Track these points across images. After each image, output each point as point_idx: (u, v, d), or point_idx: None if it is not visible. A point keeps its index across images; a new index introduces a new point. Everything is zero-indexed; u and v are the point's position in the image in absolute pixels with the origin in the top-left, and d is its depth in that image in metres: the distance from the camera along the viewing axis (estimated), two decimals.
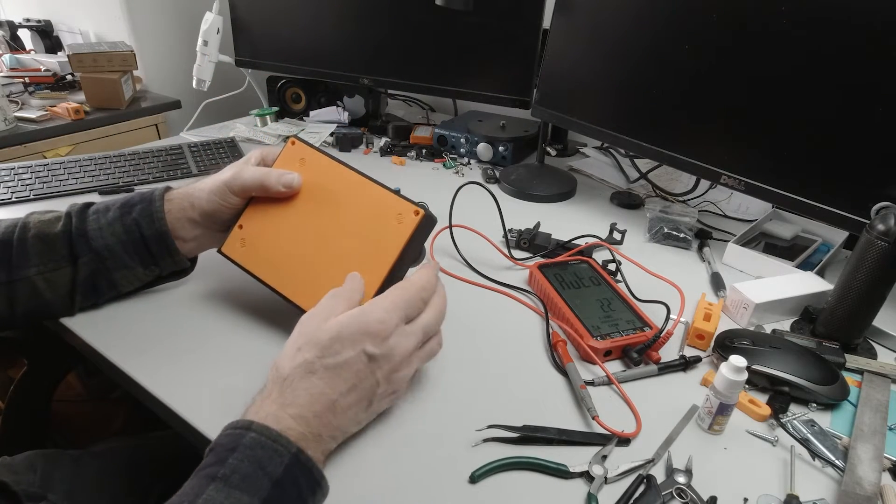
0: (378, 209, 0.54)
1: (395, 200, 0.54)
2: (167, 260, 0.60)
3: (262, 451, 0.39)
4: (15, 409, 0.88)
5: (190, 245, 0.60)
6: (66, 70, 1.58)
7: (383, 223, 0.53)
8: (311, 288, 0.54)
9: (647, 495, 0.45)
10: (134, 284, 0.61)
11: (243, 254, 0.59)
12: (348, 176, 0.57)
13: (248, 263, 0.59)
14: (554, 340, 0.61)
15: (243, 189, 0.58)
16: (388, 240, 0.52)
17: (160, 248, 0.59)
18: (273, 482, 0.38)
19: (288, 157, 0.60)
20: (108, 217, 0.58)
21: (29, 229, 0.56)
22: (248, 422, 0.40)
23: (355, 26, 1.15)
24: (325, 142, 1.18)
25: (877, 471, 0.47)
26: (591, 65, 0.90)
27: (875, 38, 0.61)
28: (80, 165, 0.95)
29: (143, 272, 0.60)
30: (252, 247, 0.58)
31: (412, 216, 0.52)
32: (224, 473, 0.37)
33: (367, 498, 0.44)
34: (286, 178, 0.57)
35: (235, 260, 0.59)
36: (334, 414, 0.43)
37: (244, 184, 0.57)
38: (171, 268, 0.61)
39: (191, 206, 0.59)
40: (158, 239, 0.58)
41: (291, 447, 0.40)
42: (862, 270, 0.59)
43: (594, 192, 1.03)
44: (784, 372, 0.55)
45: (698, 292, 0.71)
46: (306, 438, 0.41)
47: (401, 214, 0.53)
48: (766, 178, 0.73)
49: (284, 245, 0.57)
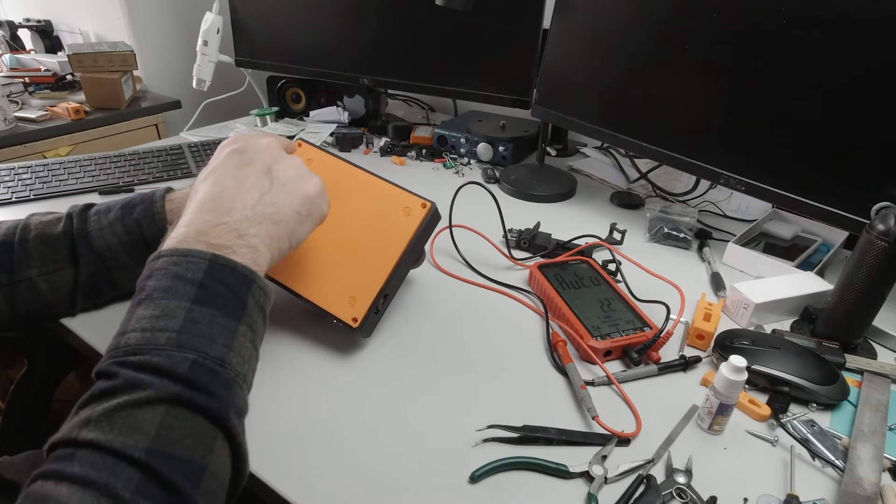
0: (386, 203, 0.55)
1: (403, 195, 0.55)
2: None
3: (175, 267, 0.39)
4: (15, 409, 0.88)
5: None
6: (66, 70, 1.58)
7: (391, 216, 0.54)
8: (319, 281, 0.55)
9: (647, 495, 0.45)
10: (134, 284, 0.61)
11: None
12: (355, 173, 0.58)
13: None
14: (554, 340, 0.61)
15: None
16: (396, 232, 0.53)
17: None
18: (196, 285, 0.38)
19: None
20: (109, 218, 0.58)
21: (30, 231, 0.56)
22: (156, 252, 0.41)
23: (355, 26, 1.15)
24: (325, 142, 1.18)
25: (877, 471, 0.47)
26: (591, 65, 0.90)
27: (875, 38, 0.61)
28: (80, 165, 0.95)
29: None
30: None
31: (420, 209, 0.53)
32: (146, 295, 0.38)
33: (368, 498, 0.44)
34: None
35: None
36: (230, 199, 0.43)
37: None
38: None
39: None
40: (159, 239, 0.58)
41: (205, 255, 0.40)
42: (862, 270, 0.59)
43: (594, 192, 1.03)
44: (784, 372, 0.55)
45: (698, 292, 0.71)
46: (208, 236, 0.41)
47: (408, 208, 0.54)
48: (766, 178, 0.73)
49: None
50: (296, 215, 0.47)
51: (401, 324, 0.63)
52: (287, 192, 0.46)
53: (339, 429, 0.50)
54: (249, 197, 0.44)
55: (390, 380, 0.55)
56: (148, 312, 0.37)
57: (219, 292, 0.39)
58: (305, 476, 0.45)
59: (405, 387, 0.55)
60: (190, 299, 0.37)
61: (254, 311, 0.41)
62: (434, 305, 0.67)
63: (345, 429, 0.50)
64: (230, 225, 0.42)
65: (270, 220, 0.45)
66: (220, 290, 0.39)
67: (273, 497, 0.44)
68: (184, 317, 0.37)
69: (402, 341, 0.61)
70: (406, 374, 0.56)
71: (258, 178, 0.46)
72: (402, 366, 0.57)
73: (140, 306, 0.38)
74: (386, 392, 0.54)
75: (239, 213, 0.43)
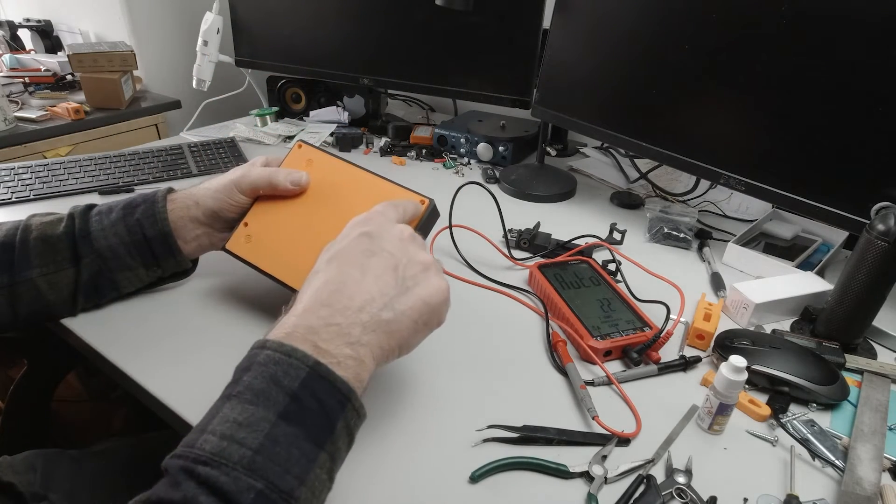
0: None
1: (403, 192, 0.55)
2: (169, 260, 0.60)
3: (275, 367, 0.37)
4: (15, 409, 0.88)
5: (191, 246, 0.60)
6: (66, 70, 1.58)
7: None
8: None
9: (647, 495, 0.45)
10: (135, 285, 0.61)
11: (249, 249, 0.59)
12: (355, 172, 0.58)
13: (253, 258, 0.59)
14: (554, 340, 0.61)
15: (252, 186, 0.58)
16: None
17: (163, 249, 0.59)
18: (289, 396, 0.36)
19: (295, 159, 0.61)
20: (110, 218, 0.58)
21: (31, 231, 0.56)
22: (263, 340, 0.39)
23: (355, 26, 1.15)
24: (325, 142, 1.18)
25: (877, 471, 0.47)
26: (591, 65, 0.90)
27: (875, 38, 0.61)
28: (80, 165, 0.95)
29: (144, 273, 0.60)
30: (258, 242, 0.59)
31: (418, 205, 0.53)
32: (238, 391, 0.36)
33: (368, 498, 0.44)
34: (294, 176, 0.58)
35: (241, 255, 0.59)
36: (349, 296, 0.40)
37: (253, 181, 0.58)
38: (173, 268, 0.61)
39: (195, 205, 0.59)
40: (161, 239, 0.58)
41: (308, 360, 0.37)
42: (862, 270, 0.59)
43: (594, 192, 1.03)
44: (784, 372, 0.55)
45: (698, 292, 0.71)
46: (317, 336, 0.38)
47: None
48: (766, 178, 0.73)
49: (292, 239, 0.58)
50: (412, 325, 0.43)
51: None
52: (410, 298, 0.43)
53: None
54: (370, 296, 0.41)
55: (390, 380, 0.55)
56: (234, 415, 0.35)
57: (310, 409, 0.37)
58: None
59: (405, 386, 0.55)
60: (278, 412, 0.35)
61: (341, 435, 0.38)
62: None
63: None
64: (342, 328, 0.39)
65: (385, 329, 0.41)
66: (313, 406, 0.37)
67: None
68: (266, 433, 0.35)
69: None
70: (406, 374, 0.56)
71: (383, 275, 0.42)
72: (402, 366, 0.57)
73: (228, 402, 0.36)
74: (386, 392, 0.54)
75: (354, 316, 0.40)
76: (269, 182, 0.58)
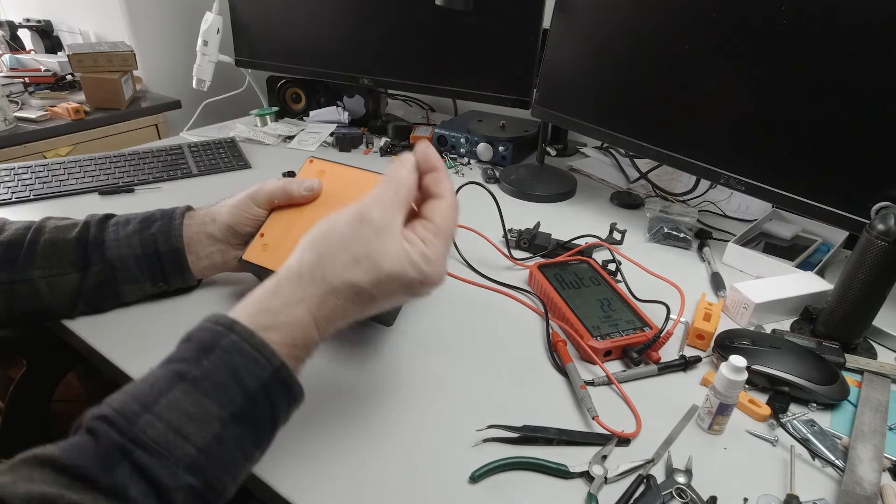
0: None
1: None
2: (177, 278, 0.61)
3: (240, 359, 0.36)
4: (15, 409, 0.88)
5: (203, 263, 0.61)
6: (66, 70, 1.58)
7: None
8: None
9: (647, 495, 0.45)
10: (138, 297, 0.62)
11: (266, 257, 0.59)
12: (368, 177, 0.60)
13: (271, 265, 0.59)
14: (554, 340, 0.61)
15: (268, 198, 0.59)
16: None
17: (173, 266, 0.60)
18: (247, 396, 0.35)
19: (308, 172, 0.63)
20: (127, 230, 0.59)
21: (43, 233, 0.57)
22: (230, 321, 0.37)
23: (355, 26, 1.15)
24: (325, 142, 1.18)
25: (877, 471, 0.47)
26: (591, 65, 0.90)
27: (875, 38, 0.61)
28: (80, 165, 0.95)
29: (150, 287, 0.61)
30: (275, 250, 0.59)
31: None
32: (195, 376, 0.35)
33: (368, 498, 0.44)
34: (308, 183, 0.60)
35: (258, 263, 0.59)
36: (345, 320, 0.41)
37: (269, 192, 0.59)
38: (179, 285, 0.62)
39: (212, 221, 0.60)
40: (172, 255, 0.59)
41: (275, 360, 0.37)
42: (862, 270, 0.59)
43: (594, 192, 1.03)
44: (784, 372, 0.55)
45: (698, 292, 0.71)
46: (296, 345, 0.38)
47: None
48: (766, 178, 0.73)
49: None
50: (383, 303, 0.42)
51: (400, 324, 0.63)
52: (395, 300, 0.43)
53: (338, 429, 0.50)
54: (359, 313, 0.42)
55: (390, 380, 0.55)
56: (186, 404, 0.34)
57: (262, 412, 0.36)
58: (304, 476, 0.45)
59: (405, 387, 0.55)
60: (232, 412, 0.35)
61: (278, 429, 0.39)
62: (434, 306, 0.67)
63: (344, 429, 0.50)
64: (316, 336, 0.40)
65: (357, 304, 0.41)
66: (265, 409, 0.36)
67: (272, 496, 0.44)
68: (215, 434, 0.34)
69: (401, 341, 0.61)
70: (405, 374, 0.56)
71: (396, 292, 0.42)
72: (402, 365, 0.57)
73: (182, 384, 0.34)
74: (385, 392, 0.54)
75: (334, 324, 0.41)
76: (284, 191, 0.59)
